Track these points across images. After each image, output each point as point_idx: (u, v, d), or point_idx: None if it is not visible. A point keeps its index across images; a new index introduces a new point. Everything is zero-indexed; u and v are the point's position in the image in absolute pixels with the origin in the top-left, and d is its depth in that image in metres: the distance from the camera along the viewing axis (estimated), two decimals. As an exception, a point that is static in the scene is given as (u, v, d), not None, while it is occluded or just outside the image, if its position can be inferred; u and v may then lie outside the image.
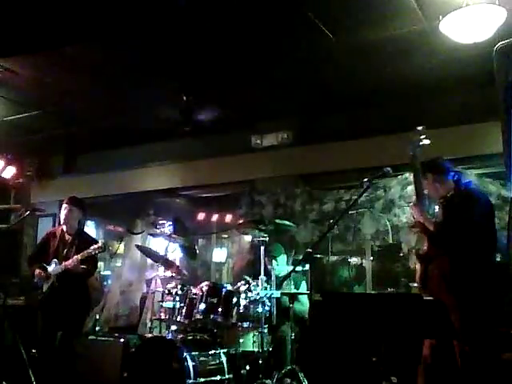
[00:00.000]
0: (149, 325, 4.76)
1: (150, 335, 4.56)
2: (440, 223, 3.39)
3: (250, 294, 4.21)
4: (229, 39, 4.42)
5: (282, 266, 5.00)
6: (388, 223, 5.51)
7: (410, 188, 5.47)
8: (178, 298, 4.34)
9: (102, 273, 7.99)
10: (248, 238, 6.27)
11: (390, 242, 5.53)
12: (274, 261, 4.88)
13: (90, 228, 8.27)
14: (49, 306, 4.64)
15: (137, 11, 4.00)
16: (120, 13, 4.04)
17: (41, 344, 4.67)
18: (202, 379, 3.87)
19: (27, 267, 5.08)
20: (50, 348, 4.56)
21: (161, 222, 6.58)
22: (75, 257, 4.49)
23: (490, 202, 3.54)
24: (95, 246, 4.46)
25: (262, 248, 4.34)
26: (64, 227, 4.88)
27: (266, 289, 4.20)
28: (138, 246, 5.68)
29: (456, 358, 3.21)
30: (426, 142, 3.53)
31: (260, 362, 4.01)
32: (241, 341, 4.18)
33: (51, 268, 4.64)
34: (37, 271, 4.69)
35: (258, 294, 4.17)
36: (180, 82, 5.27)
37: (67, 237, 4.83)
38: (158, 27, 4.24)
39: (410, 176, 5.43)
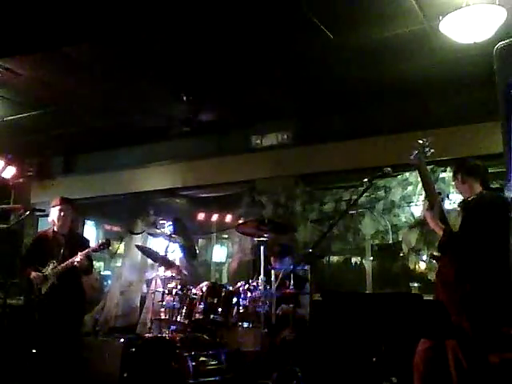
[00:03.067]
0: (149, 325, 4.75)
1: (149, 335, 4.56)
2: (448, 230, 3.35)
3: (249, 294, 4.20)
4: (229, 39, 4.42)
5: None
6: (388, 223, 5.52)
7: (410, 188, 5.49)
8: (177, 298, 4.34)
9: (101, 273, 8.00)
10: (248, 238, 6.27)
11: (390, 242, 5.54)
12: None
13: (90, 228, 8.28)
14: (47, 307, 4.63)
15: (137, 11, 4.01)
16: (120, 13, 4.04)
17: (39, 344, 4.66)
18: (202, 379, 3.87)
19: (21, 269, 5.05)
20: (49, 348, 4.55)
21: (161, 222, 6.55)
22: (82, 253, 4.51)
23: (504, 206, 3.47)
24: (100, 242, 4.49)
25: (262, 248, 4.33)
26: (55, 228, 4.87)
27: (265, 289, 4.20)
28: (138, 246, 5.67)
29: (448, 361, 3.19)
30: (432, 150, 3.54)
31: (260, 362, 4.00)
32: (241, 341, 4.18)
33: (49, 269, 4.64)
34: (33, 274, 4.65)
35: (257, 294, 4.17)
36: (180, 82, 5.27)
37: (60, 237, 4.83)
38: (158, 27, 4.24)
39: (410, 176, 5.47)
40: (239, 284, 4.36)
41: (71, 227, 5.00)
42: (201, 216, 6.97)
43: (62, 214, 4.85)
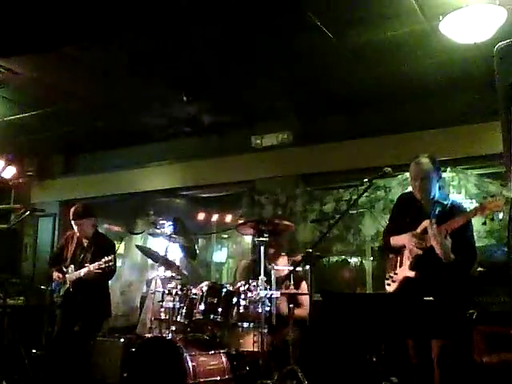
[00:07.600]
0: (149, 325, 4.75)
1: (149, 335, 4.55)
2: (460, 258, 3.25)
3: (249, 294, 4.20)
4: (229, 39, 4.42)
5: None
6: (388, 223, 5.50)
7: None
8: (177, 298, 4.33)
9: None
10: (248, 239, 6.27)
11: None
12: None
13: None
14: (67, 308, 4.71)
15: (137, 11, 4.01)
16: (120, 13, 4.04)
17: (55, 342, 4.71)
18: (202, 379, 3.87)
19: (48, 268, 5.11)
20: (65, 346, 4.61)
21: (161, 222, 6.55)
22: (86, 269, 4.53)
23: None
24: (106, 259, 4.47)
25: (262, 248, 4.33)
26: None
27: (265, 289, 4.19)
28: (138, 246, 5.67)
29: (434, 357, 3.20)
30: None
31: (260, 362, 4.00)
32: (241, 341, 4.18)
33: (68, 273, 4.71)
34: (55, 274, 4.76)
35: (257, 294, 4.16)
36: (180, 81, 5.27)
37: (84, 241, 4.85)
38: (158, 27, 4.24)
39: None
40: (239, 284, 4.35)
41: (95, 231, 4.93)
42: (201, 216, 6.97)
43: (77, 229, 4.83)
